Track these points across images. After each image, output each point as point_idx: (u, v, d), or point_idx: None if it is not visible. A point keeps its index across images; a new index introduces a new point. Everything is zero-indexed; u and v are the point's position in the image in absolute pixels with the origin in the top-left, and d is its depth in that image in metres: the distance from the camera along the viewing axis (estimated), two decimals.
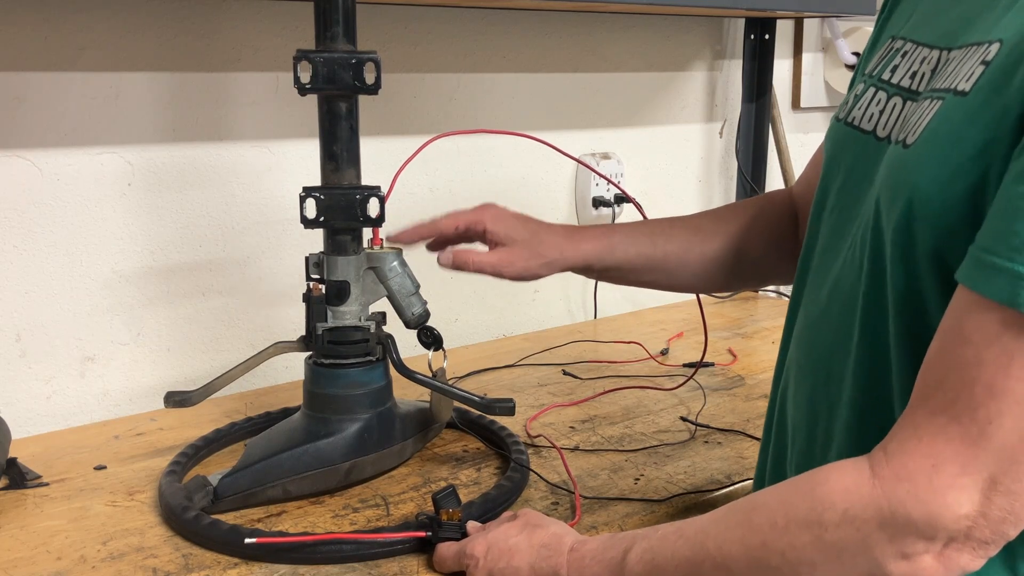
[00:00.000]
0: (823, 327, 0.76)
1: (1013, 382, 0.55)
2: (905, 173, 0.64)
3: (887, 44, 0.78)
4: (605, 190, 1.68)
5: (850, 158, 0.76)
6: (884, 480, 0.60)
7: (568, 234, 1.00)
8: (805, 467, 0.77)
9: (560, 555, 0.77)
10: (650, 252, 0.99)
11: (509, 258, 0.98)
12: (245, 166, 1.33)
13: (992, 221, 0.57)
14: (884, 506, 0.59)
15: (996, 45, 0.62)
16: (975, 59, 0.63)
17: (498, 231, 0.99)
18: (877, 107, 0.73)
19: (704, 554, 0.68)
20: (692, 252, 1.00)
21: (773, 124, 1.86)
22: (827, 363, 0.75)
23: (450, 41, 1.49)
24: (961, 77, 0.63)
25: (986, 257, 0.57)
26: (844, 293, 0.73)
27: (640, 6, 1.43)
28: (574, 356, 1.46)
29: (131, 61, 1.23)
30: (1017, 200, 0.55)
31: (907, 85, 0.71)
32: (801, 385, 0.79)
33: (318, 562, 0.86)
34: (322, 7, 0.94)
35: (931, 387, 0.60)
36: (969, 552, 0.59)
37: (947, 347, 0.59)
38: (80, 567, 0.86)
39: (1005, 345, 0.56)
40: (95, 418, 1.26)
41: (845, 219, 0.75)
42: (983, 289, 0.57)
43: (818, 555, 0.62)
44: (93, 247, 1.23)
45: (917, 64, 0.71)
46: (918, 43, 0.73)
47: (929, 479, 0.58)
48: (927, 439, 0.59)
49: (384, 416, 1.01)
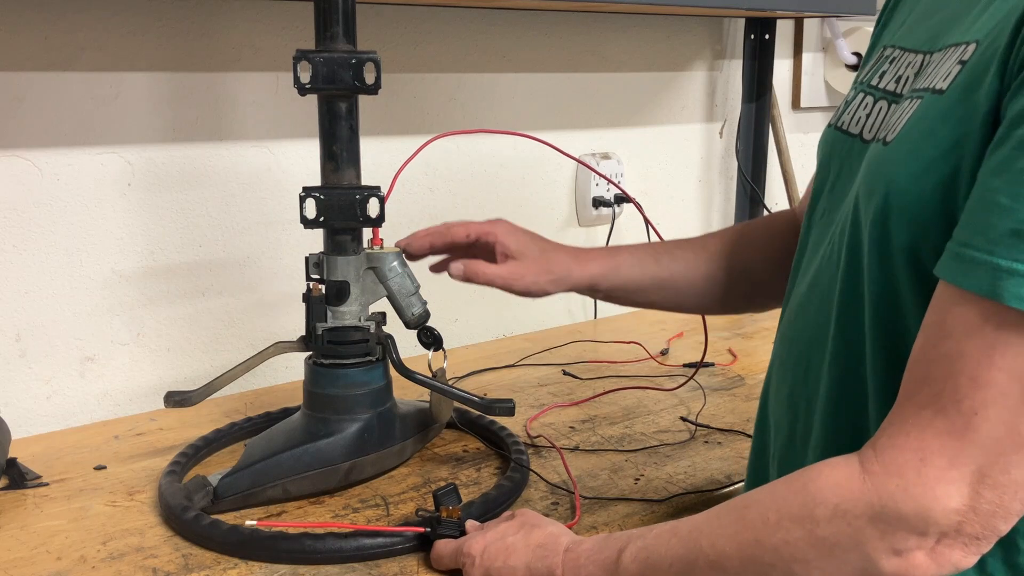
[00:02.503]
0: (802, 322, 0.77)
1: (996, 372, 0.56)
2: (883, 168, 0.66)
3: (879, 52, 0.80)
4: (605, 190, 1.68)
5: (838, 162, 0.77)
6: (874, 475, 0.60)
7: (576, 254, 1.01)
8: (786, 462, 0.78)
9: (556, 555, 0.77)
10: (655, 272, 1.00)
11: (519, 272, 0.98)
12: (245, 166, 1.33)
13: (969, 215, 0.58)
14: (875, 501, 0.60)
15: (972, 46, 0.63)
16: (953, 59, 0.64)
17: (509, 244, 0.99)
18: (864, 111, 0.75)
19: (698, 552, 0.68)
20: (698, 273, 1.00)
21: (773, 124, 1.86)
22: (806, 358, 0.76)
23: (450, 41, 1.49)
24: (939, 77, 0.65)
25: (965, 251, 0.57)
26: (822, 288, 0.74)
27: (640, 6, 1.43)
28: (574, 356, 1.46)
29: (131, 61, 1.23)
30: (993, 194, 0.56)
31: (892, 89, 0.73)
32: (782, 381, 0.80)
33: (318, 562, 0.86)
34: (322, 7, 0.94)
35: (916, 382, 0.60)
36: (961, 548, 0.59)
37: (930, 341, 0.60)
38: (80, 567, 0.86)
39: (987, 336, 0.56)
40: (95, 418, 1.26)
41: (830, 220, 0.76)
42: (962, 282, 0.57)
43: (811, 551, 0.62)
44: (93, 247, 1.23)
45: (904, 69, 0.73)
46: (905, 49, 0.75)
47: (918, 473, 0.58)
48: (914, 433, 0.59)
49: (384, 416, 1.01)
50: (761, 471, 0.85)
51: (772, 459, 0.83)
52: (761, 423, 0.86)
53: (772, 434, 0.83)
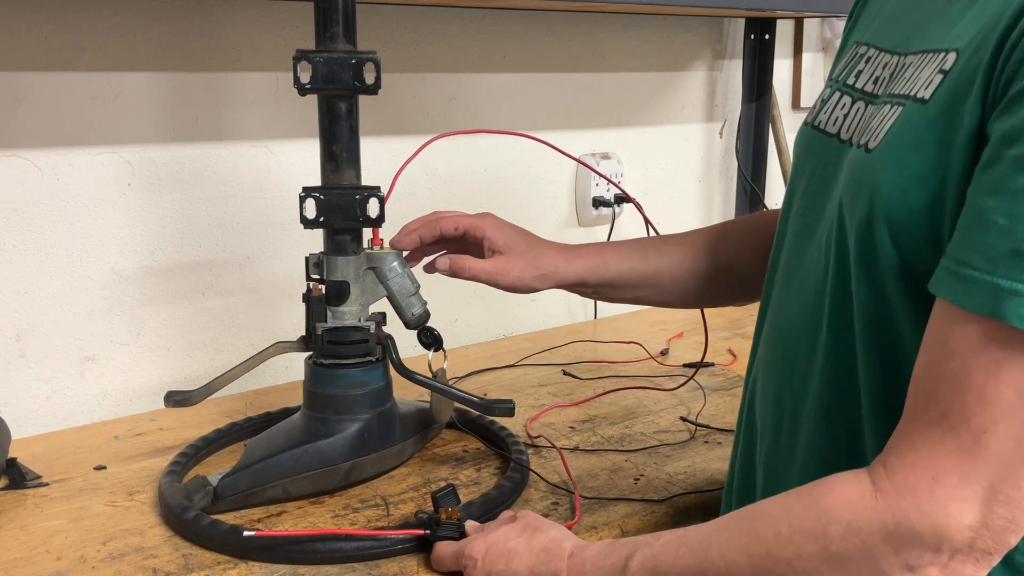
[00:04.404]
0: (788, 326, 0.78)
1: (1004, 389, 0.56)
2: (867, 176, 0.66)
3: (852, 49, 0.80)
4: (605, 190, 1.68)
5: (814, 161, 0.78)
6: (886, 494, 0.61)
7: (563, 251, 1.01)
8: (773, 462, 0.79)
9: (560, 560, 0.77)
10: (642, 267, 1.00)
11: (506, 267, 0.99)
12: (245, 166, 1.33)
13: (965, 234, 0.58)
14: (888, 519, 0.60)
15: (953, 55, 0.63)
16: (932, 67, 0.64)
17: (497, 239, 0.99)
18: (842, 111, 0.75)
19: (708, 563, 0.68)
20: (684, 267, 1.01)
21: (773, 124, 1.86)
22: (792, 360, 0.76)
23: (450, 41, 1.49)
24: (920, 84, 0.65)
25: (964, 271, 0.58)
26: (810, 292, 0.74)
27: (640, 6, 1.43)
28: (574, 356, 1.46)
29: (131, 61, 1.23)
30: (989, 213, 0.57)
31: (870, 90, 0.73)
32: (768, 381, 0.81)
33: (318, 562, 0.86)
34: (322, 7, 0.94)
35: (923, 400, 0.61)
36: (973, 563, 0.59)
37: (934, 360, 0.60)
38: (80, 567, 0.86)
39: (991, 355, 0.57)
40: (95, 418, 1.26)
41: (809, 219, 0.77)
42: (964, 302, 0.58)
43: (823, 565, 0.63)
44: (93, 247, 1.23)
45: (879, 69, 0.73)
46: (880, 49, 0.75)
47: (931, 491, 0.59)
48: (924, 452, 0.60)
49: (384, 416, 1.01)
50: (749, 471, 0.85)
51: (759, 459, 0.83)
52: (748, 423, 0.86)
53: (759, 434, 0.83)
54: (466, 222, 1.01)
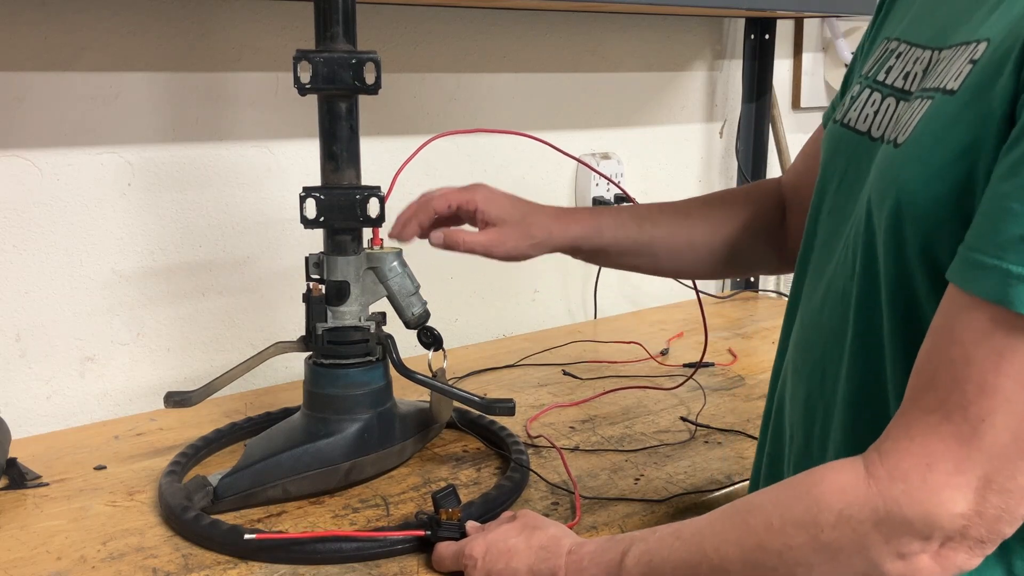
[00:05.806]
0: (818, 328, 0.77)
1: (1004, 379, 0.56)
2: (893, 171, 0.65)
3: (883, 45, 0.78)
4: (605, 190, 1.68)
5: (845, 160, 0.76)
6: (879, 480, 0.60)
7: (557, 215, 1.01)
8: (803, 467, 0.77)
9: (558, 557, 0.77)
10: (636, 235, 1.00)
11: (500, 238, 0.99)
12: (245, 166, 1.33)
13: (980, 220, 0.58)
14: (879, 506, 0.59)
15: (984, 44, 0.62)
16: (963, 58, 0.63)
17: (489, 211, 0.99)
18: (872, 108, 0.74)
19: (701, 556, 0.68)
20: (678, 237, 1.01)
21: (773, 124, 1.86)
22: (822, 364, 0.76)
23: (450, 41, 1.49)
24: (950, 76, 0.64)
25: (974, 256, 0.57)
26: (838, 293, 0.73)
27: (640, 6, 1.43)
28: (574, 356, 1.46)
29: (131, 61, 1.23)
30: (1003, 199, 0.56)
31: (900, 86, 0.72)
32: (798, 386, 0.80)
33: (318, 562, 0.86)
34: (322, 7, 0.94)
35: (923, 386, 0.60)
36: (965, 551, 0.59)
37: (938, 346, 0.59)
38: (80, 567, 0.86)
39: (995, 343, 0.56)
40: (95, 418, 1.26)
41: (840, 220, 0.76)
42: (972, 287, 0.57)
43: (814, 556, 0.62)
44: (93, 247, 1.23)
45: (911, 65, 0.72)
46: (912, 44, 0.73)
47: (923, 478, 0.58)
48: (920, 438, 0.59)
49: (384, 416, 1.01)
50: (776, 477, 0.84)
51: (787, 464, 0.82)
52: (776, 430, 0.85)
53: (787, 439, 0.82)
54: (457, 197, 1.00)
